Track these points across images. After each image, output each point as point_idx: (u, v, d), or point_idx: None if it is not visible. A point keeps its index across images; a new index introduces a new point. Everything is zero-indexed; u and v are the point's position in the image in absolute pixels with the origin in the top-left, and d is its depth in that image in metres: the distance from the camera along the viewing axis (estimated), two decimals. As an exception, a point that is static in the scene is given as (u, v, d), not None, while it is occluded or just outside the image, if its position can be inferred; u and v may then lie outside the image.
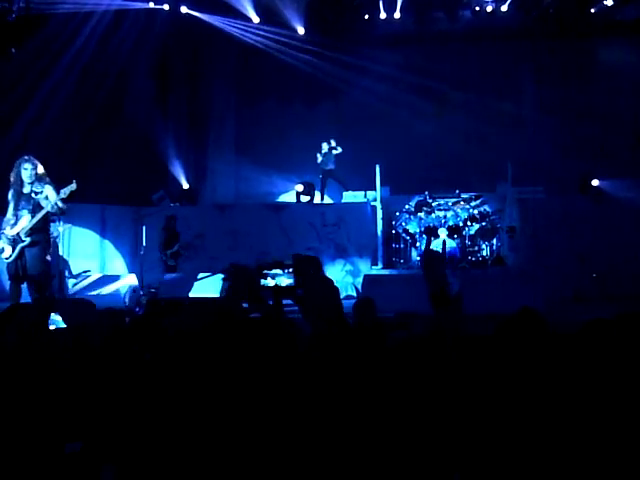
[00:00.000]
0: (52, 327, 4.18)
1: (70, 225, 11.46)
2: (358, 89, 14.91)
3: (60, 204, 7.05)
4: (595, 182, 12.43)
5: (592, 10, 13.76)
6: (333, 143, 13.25)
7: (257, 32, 14.73)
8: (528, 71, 14.87)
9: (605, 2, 13.52)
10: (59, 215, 7.97)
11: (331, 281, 2.19)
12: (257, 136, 15.49)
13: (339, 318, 2.16)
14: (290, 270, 2.16)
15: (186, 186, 15.04)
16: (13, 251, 6.97)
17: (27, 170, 6.98)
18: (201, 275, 10.57)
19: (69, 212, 11.08)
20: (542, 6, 13.96)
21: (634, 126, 13.89)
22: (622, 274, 10.44)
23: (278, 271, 2.20)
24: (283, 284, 2.14)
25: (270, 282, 2.17)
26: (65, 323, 4.24)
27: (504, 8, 14.09)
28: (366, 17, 14.72)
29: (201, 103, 15.69)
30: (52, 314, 4.36)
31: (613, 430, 2.20)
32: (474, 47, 14.51)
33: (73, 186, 7.06)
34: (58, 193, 7.04)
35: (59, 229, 11.25)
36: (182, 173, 15.09)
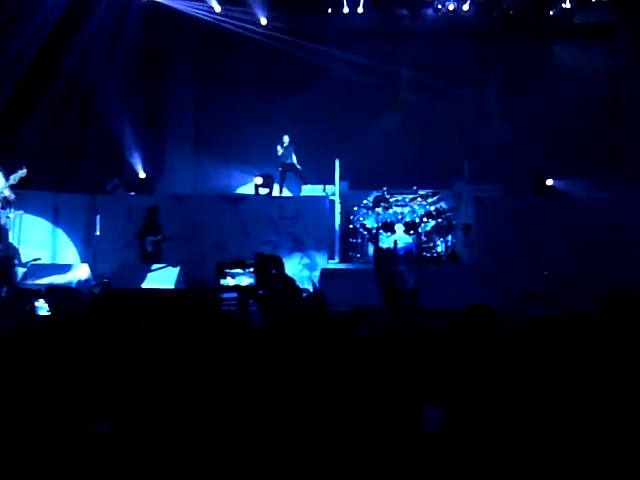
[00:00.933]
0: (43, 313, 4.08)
1: (22, 212, 11.15)
2: (319, 83, 14.91)
3: (8, 192, 6.87)
4: (550, 182, 12.71)
5: (551, 12, 14.03)
6: (285, 140, 13.18)
7: (218, 21, 14.55)
8: (487, 70, 15.10)
9: (564, 5, 13.80)
10: (8, 203, 7.76)
11: (293, 281, 2.19)
12: (216, 127, 15.36)
13: (300, 318, 2.16)
14: (251, 270, 2.14)
15: (143, 175, 14.79)
16: None
17: None
18: (155, 266, 10.44)
19: (20, 199, 10.86)
20: (502, 7, 14.18)
21: (589, 126, 14.25)
22: (573, 273, 10.69)
23: (239, 270, 2.18)
24: (243, 283, 2.12)
25: (230, 281, 2.15)
26: (51, 310, 4.14)
27: (465, 7, 14.26)
28: (329, 11, 14.71)
29: (160, 92, 15.45)
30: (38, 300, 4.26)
31: (562, 423, 2.25)
32: (435, 45, 14.63)
33: (23, 172, 6.90)
34: (7, 180, 6.85)
35: (10, 216, 10.96)
36: (139, 162, 14.83)
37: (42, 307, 4.36)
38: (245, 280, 2.12)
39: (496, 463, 2.20)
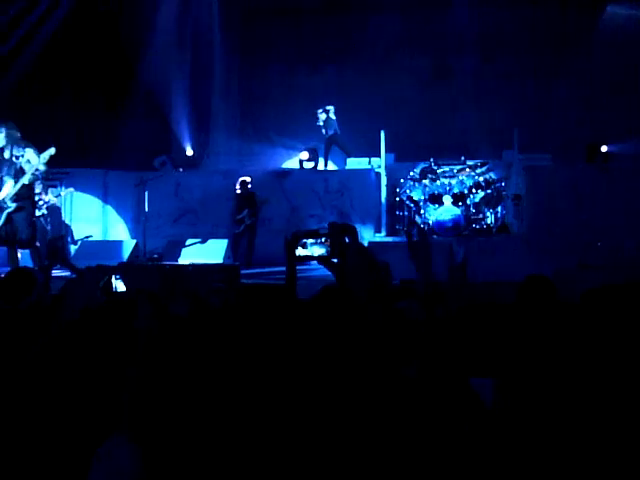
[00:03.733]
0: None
1: (72, 190, 11.41)
2: (363, 53, 14.66)
3: (42, 167, 6.98)
4: (604, 148, 12.24)
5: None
6: (331, 110, 13.01)
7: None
8: (535, 35, 14.56)
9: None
10: (40, 179, 7.90)
11: (367, 249, 2.15)
12: (261, 102, 15.32)
13: (378, 287, 2.13)
14: (323, 240, 2.10)
15: (190, 152, 14.90)
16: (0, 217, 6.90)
17: None
18: (190, 241, 10.53)
19: (71, 177, 11.10)
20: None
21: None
22: (628, 244, 10.34)
23: (311, 240, 2.15)
24: (316, 254, 2.09)
25: (302, 252, 2.12)
26: (127, 287, 4.23)
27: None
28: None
29: (205, 68, 15.46)
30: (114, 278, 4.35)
31: (617, 402, 2.16)
32: (481, 10, 14.19)
33: (52, 150, 6.98)
34: (39, 157, 6.96)
35: (61, 194, 11.22)
36: (186, 139, 14.94)
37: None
38: (317, 250, 2.09)
39: (551, 441, 2.12)
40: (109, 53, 13.56)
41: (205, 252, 10.19)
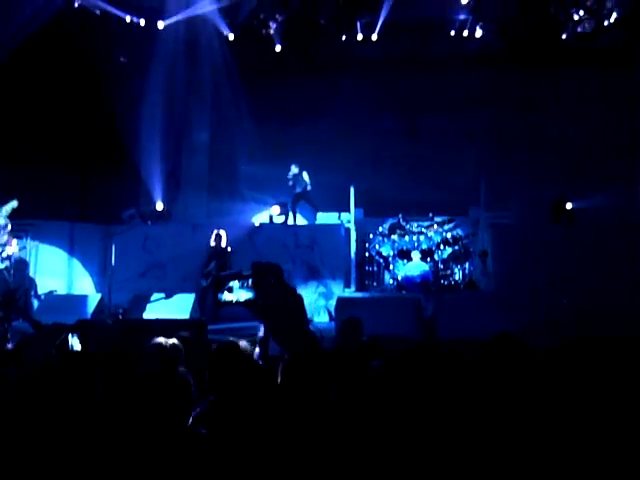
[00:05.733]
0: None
1: (37, 243, 11.22)
2: (333, 111, 14.94)
3: (3, 220, 6.88)
4: (569, 205, 12.49)
5: (563, 36, 13.89)
6: (304, 171, 13.11)
7: (232, 51, 14.71)
8: (501, 96, 15.05)
9: (578, 29, 13.65)
10: (8, 234, 7.77)
11: (294, 289, 2.09)
12: (231, 155, 15.42)
13: (304, 328, 2.08)
14: (249, 282, 2.01)
15: (160, 207, 14.79)
16: None
17: None
18: (156, 295, 10.37)
19: (37, 229, 10.92)
20: (515, 32, 14.15)
21: (607, 150, 14.11)
22: (593, 301, 10.46)
23: (237, 284, 2.05)
24: (242, 299, 1.99)
25: (228, 297, 2.02)
26: (83, 345, 4.11)
27: (478, 34, 14.25)
28: (343, 38, 14.77)
29: (175, 122, 15.58)
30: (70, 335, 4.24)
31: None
32: (449, 71, 14.67)
33: (14, 203, 6.91)
34: None
35: (26, 246, 11.02)
36: (155, 192, 14.87)
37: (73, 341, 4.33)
38: (243, 295, 1.99)
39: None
40: (79, 106, 13.60)
41: (172, 307, 10.03)
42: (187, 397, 2.17)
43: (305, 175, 13.05)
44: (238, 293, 2.24)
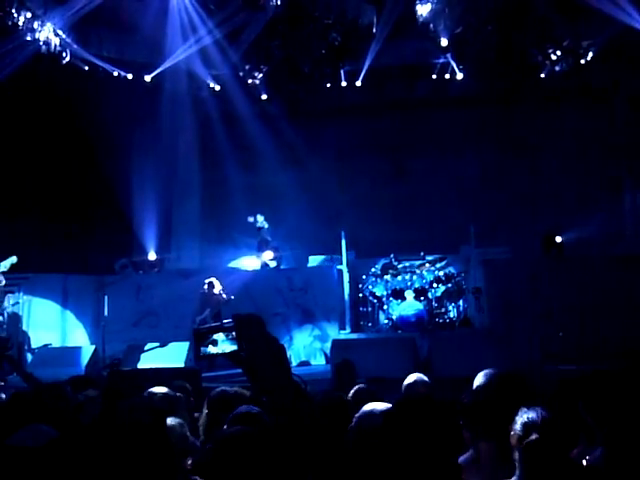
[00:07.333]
0: None
1: (30, 297, 11.20)
2: (322, 155, 15.14)
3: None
4: (559, 239, 12.58)
5: (542, 75, 14.16)
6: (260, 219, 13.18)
7: (219, 98, 14.97)
8: (486, 135, 15.33)
9: (556, 68, 13.90)
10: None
11: (276, 339, 2.09)
12: (222, 201, 15.53)
13: (287, 379, 2.08)
14: (233, 334, 2.02)
15: (153, 257, 14.75)
16: None
17: None
18: (150, 345, 10.30)
19: (30, 282, 10.91)
20: (496, 74, 14.45)
21: (592, 184, 14.33)
22: (589, 333, 10.47)
23: (222, 337, 2.05)
24: (227, 351, 2.00)
25: (212, 349, 2.02)
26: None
27: (459, 76, 14.55)
28: (328, 85, 15.05)
29: (166, 170, 15.70)
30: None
31: None
32: (432, 112, 14.97)
33: (13, 259, 6.93)
34: None
35: (19, 301, 10.99)
36: (148, 242, 14.87)
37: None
38: (228, 347, 1.98)
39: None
40: (70, 159, 13.71)
41: (166, 356, 9.96)
42: (168, 452, 2.13)
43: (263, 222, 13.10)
44: (222, 346, 2.22)
